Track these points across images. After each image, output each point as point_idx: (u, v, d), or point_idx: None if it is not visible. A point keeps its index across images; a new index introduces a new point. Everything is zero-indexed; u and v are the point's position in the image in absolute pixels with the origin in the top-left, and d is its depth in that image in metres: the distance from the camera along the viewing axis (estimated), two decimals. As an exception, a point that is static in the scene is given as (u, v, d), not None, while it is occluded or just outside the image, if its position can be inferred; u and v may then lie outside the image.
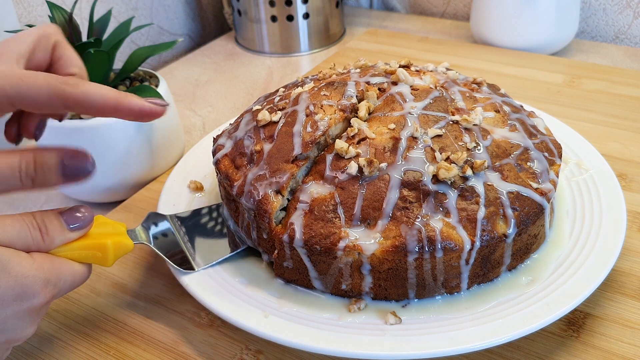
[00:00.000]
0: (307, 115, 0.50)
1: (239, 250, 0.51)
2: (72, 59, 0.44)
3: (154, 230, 0.51)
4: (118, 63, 0.70)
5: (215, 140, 0.56)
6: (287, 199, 0.48)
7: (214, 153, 0.54)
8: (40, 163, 0.36)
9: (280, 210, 0.48)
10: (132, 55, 0.65)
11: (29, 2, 0.82)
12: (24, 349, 0.49)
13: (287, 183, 0.47)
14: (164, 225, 0.52)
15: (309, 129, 0.49)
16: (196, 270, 0.49)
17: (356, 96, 0.53)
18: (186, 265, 0.49)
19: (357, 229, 0.45)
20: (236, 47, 1.06)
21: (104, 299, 0.53)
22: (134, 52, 0.65)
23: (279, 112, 0.52)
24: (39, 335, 0.50)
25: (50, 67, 0.44)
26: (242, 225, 0.51)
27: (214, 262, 0.50)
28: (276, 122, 0.52)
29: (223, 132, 0.57)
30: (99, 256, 0.41)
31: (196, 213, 0.55)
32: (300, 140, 0.49)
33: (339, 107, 0.51)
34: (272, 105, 0.55)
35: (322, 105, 0.51)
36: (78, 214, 0.40)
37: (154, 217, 0.53)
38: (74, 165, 0.37)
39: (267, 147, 0.50)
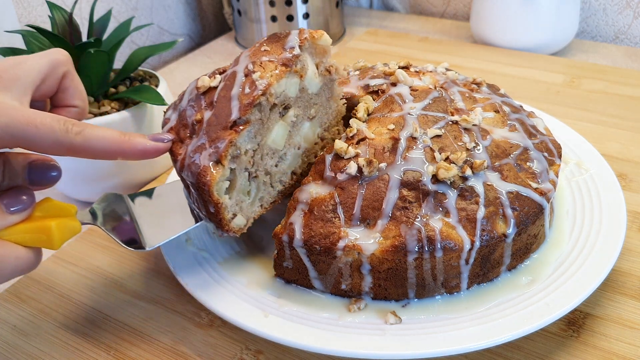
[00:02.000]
0: (245, 76, 0.46)
1: (193, 227, 0.49)
2: (77, 90, 0.46)
3: (108, 210, 0.49)
4: (118, 63, 0.70)
5: (164, 114, 0.52)
6: (230, 168, 0.45)
7: (162, 127, 0.51)
8: (9, 167, 0.39)
9: (225, 180, 0.45)
10: (132, 55, 0.65)
11: (29, 2, 0.82)
12: (24, 348, 0.49)
13: (226, 151, 0.44)
14: (119, 206, 0.50)
15: (247, 90, 0.45)
16: (146, 249, 0.47)
17: (299, 46, 0.48)
18: (138, 245, 0.47)
19: (357, 229, 0.45)
20: (236, 47, 1.06)
21: (104, 299, 0.53)
22: (134, 52, 0.65)
23: (219, 75, 0.49)
24: (40, 335, 0.50)
25: (55, 94, 0.45)
26: (194, 200, 0.48)
27: (165, 240, 0.48)
28: (215, 87, 0.48)
29: (171, 104, 0.53)
30: (43, 239, 0.41)
31: (156, 191, 0.53)
32: (238, 103, 0.45)
33: (281, 61, 0.47)
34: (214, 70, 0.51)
35: (261, 63, 0.47)
36: (19, 197, 0.40)
37: (110, 198, 0.50)
38: (40, 172, 0.40)
39: (207, 115, 0.46)
